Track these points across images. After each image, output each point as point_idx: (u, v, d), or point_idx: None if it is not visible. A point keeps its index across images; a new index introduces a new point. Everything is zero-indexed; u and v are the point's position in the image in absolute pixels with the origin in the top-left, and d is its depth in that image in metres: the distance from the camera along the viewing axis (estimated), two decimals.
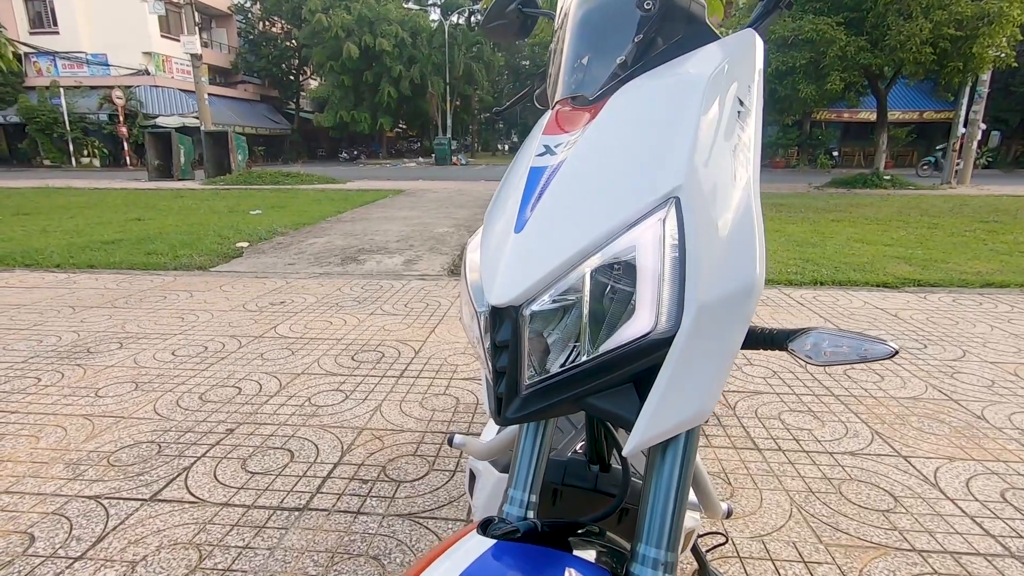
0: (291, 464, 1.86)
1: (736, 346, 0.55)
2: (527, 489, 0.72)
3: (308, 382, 2.51)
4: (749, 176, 0.59)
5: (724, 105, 0.61)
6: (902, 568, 1.40)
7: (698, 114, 0.58)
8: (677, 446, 0.60)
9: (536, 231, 0.59)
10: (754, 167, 0.60)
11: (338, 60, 30.33)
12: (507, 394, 0.58)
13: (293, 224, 7.46)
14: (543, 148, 0.68)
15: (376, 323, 3.37)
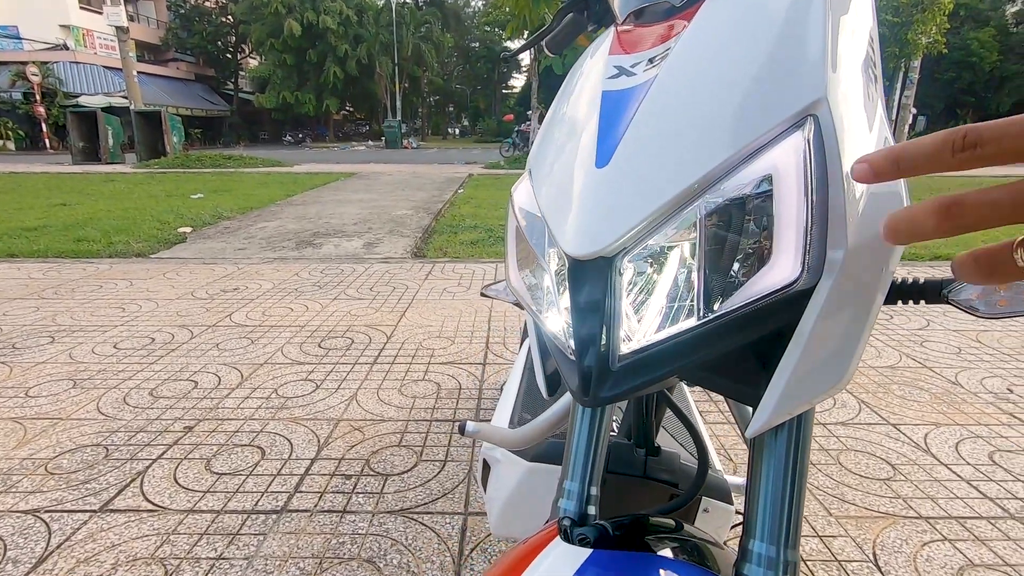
0: (263, 462, 1.69)
1: (880, 299, 0.45)
2: (586, 480, 0.61)
3: (273, 372, 2.31)
4: (882, 101, 0.49)
5: (850, 10, 0.50)
6: (913, 536, 1.39)
7: (825, 16, 0.47)
8: (793, 423, 0.49)
9: (628, 163, 0.46)
10: (882, 95, 0.50)
11: (279, 38, 28.87)
12: (598, 368, 0.47)
13: (240, 208, 7.02)
14: (614, 70, 0.55)
15: (341, 308, 3.17)
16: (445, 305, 3.23)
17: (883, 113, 0.49)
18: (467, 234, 5.36)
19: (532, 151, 0.63)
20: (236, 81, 35.54)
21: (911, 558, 1.32)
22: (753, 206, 0.42)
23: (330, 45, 29.85)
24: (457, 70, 45.71)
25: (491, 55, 41.50)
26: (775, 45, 0.47)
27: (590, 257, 0.46)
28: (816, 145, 0.41)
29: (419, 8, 35.80)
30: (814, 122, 0.42)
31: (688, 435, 1.13)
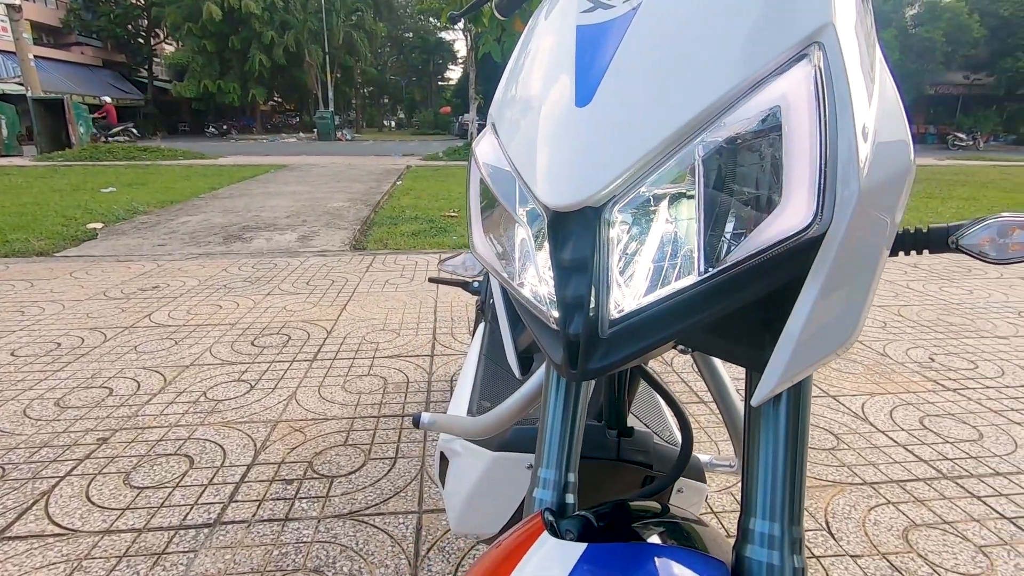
0: (191, 472, 1.53)
1: (887, 247, 0.41)
2: (563, 467, 0.56)
3: (200, 374, 2.12)
4: (877, 36, 0.45)
5: None
6: (860, 502, 1.43)
7: None
8: (792, 391, 0.45)
9: (613, 101, 0.40)
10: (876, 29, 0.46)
11: (197, 22, 27.07)
12: (586, 337, 0.40)
13: (158, 202, 6.52)
14: (588, 3, 0.49)
15: (275, 303, 2.97)
16: (388, 297, 3.10)
17: (880, 48, 0.45)
18: (408, 225, 5.21)
19: (495, 101, 0.56)
20: (151, 68, 33.06)
21: (860, 523, 1.35)
22: (758, 143, 0.37)
23: (254, 31, 28.30)
24: (391, 61, 44.62)
25: (425, 46, 40.78)
26: None
27: (574, 208, 0.40)
28: (826, 74, 0.36)
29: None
30: (821, 50, 0.37)
31: (652, 412, 1.10)
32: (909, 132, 0.42)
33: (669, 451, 0.76)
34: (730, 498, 1.45)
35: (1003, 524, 1.35)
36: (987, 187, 8.94)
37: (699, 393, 2.02)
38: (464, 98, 22.60)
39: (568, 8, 0.50)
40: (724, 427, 1.76)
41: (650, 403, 1.13)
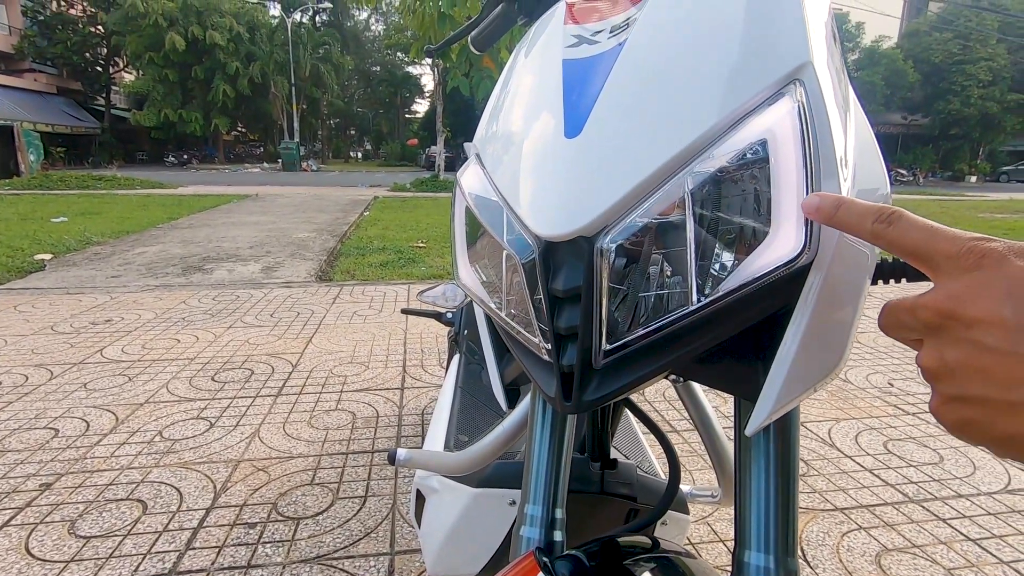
0: (144, 518, 1.43)
1: (870, 276, 0.43)
2: (550, 503, 0.54)
3: (156, 412, 2.01)
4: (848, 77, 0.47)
5: None
6: (832, 528, 1.44)
7: None
8: (781, 420, 0.45)
9: (603, 132, 0.41)
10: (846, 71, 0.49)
11: (160, 52, 26.70)
12: (580, 367, 0.40)
13: (113, 232, 6.28)
14: (573, 39, 0.50)
15: (238, 337, 2.87)
16: (356, 329, 3.04)
17: (851, 86, 0.47)
18: (376, 256, 5.16)
19: (479, 133, 0.57)
20: (108, 96, 32.29)
21: (835, 549, 1.36)
22: (746, 174, 0.37)
23: (219, 62, 28.07)
24: (358, 93, 44.88)
25: (393, 79, 41.23)
26: (751, 11, 0.43)
27: (567, 237, 0.39)
28: (808, 109, 0.38)
29: (316, 29, 34.83)
30: (801, 86, 0.38)
31: (631, 442, 1.09)
32: (883, 163, 0.44)
33: (653, 483, 0.75)
34: (707, 528, 1.45)
35: (969, 546, 1.38)
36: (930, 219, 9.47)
37: (672, 423, 2.03)
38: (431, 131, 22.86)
39: (553, 43, 0.51)
40: (697, 456, 1.76)
41: (629, 433, 1.13)
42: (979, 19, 24.71)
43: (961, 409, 0.24)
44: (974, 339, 0.23)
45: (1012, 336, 0.22)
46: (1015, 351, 0.21)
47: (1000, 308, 0.22)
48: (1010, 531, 1.44)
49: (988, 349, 0.22)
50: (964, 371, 0.23)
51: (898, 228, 0.27)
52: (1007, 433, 0.22)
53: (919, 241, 0.26)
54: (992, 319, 0.22)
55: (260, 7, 31.53)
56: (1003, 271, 0.22)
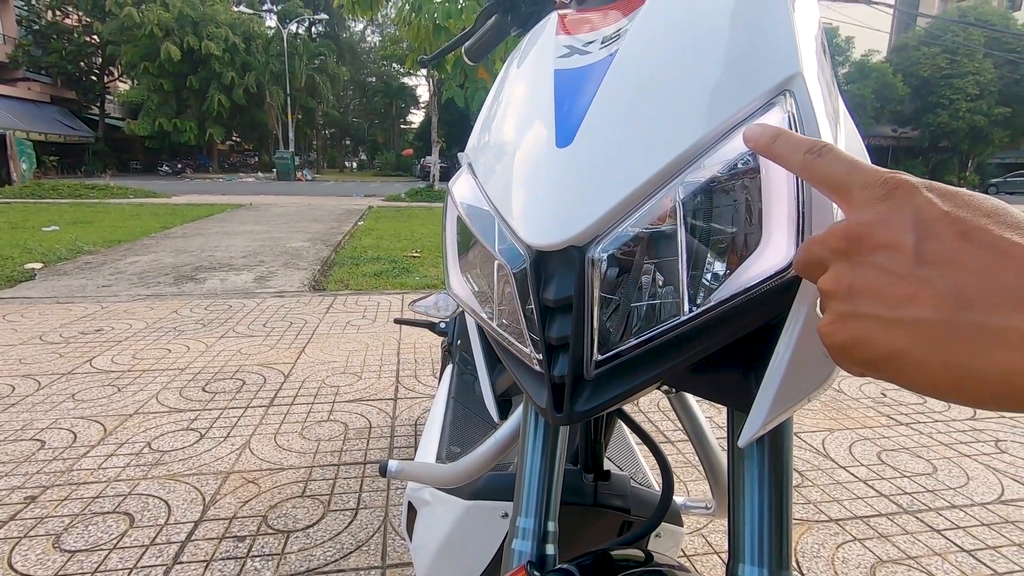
0: (131, 531, 1.41)
1: None
2: (543, 515, 0.53)
3: (145, 423, 1.99)
4: (836, 87, 0.48)
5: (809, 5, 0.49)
6: (828, 539, 1.44)
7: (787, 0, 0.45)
8: (773, 431, 0.45)
9: (594, 142, 0.41)
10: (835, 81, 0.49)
11: (155, 61, 26.72)
12: (571, 377, 0.39)
13: (105, 241, 6.25)
14: (565, 49, 0.51)
15: (229, 347, 2.85)
16: (349, 339, 3.02)
17: (841, 98, 0.48)
18: (370, 265, 5.15)
19: (470, 143, 0.56)
20: (102, 105, 32.25)
21: (830, 561, 1.36)
22: (737, 185, 0.37)
23: (214, 72, 28.11)
24: (354, 103, 45.04)
25: (388, 90, 41.42)
26: (741, 22, 0.44)
27: (559, 247, 0.39)
28: (798, 120, 0.38)
29: (312, 40, 35.01)
30: (792, 97, 0.39)
31: (625, 454, 1.09)
32: None
33: (646, 495, 0.74)
34: (701, 540, 1.44)
35: (963, 557, 1.38)
36: None
37: (666, 433, 2.02)
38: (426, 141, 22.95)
39: (545, 54, 0.52)
40: (691, 467, 1.76)
41: (622, 443, 1.12)
42: (965, 34, 25.14)
43: (848, 327, 0.25)
44: (875, 263, 0.24)
45: (908, 260, 0.23)
46: (910, 273, 0.23)
47: (902, 234, 0.23)
48: (1004, 542, 1.44)
49: (885, 271, 0.24)
50: (859, 291, 0.25)
51: (825, 160, 0.28)
52: (886, 351, 0.24)
53: (841, 174, 0.27)
54: (894, 244, 0.24)
55: (256, 18, 31.64)
56: (912, 202, 0.24)
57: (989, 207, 0.23)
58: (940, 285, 0.22)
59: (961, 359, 0.21)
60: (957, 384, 0.22)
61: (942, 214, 0.23)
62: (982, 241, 0.22)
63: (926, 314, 0.22)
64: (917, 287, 0.22)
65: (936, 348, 0.22)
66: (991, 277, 0.21)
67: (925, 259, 0.23)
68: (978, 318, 0.21)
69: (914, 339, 0.23)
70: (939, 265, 0.22)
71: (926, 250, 0.23)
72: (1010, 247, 0.21)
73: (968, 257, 0.22)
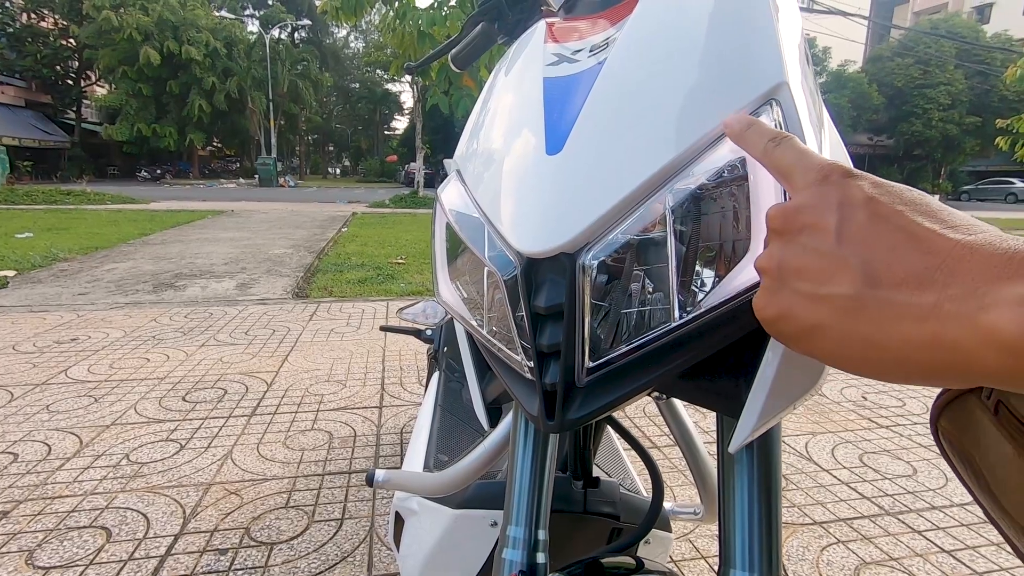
0: (108, 546, 1.37)
1: None
2: (533, 524, 0.53)
3: (123, 435, 1.94)
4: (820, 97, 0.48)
5: (783, 6, 0.50)
6: (812, 542, 1.45)
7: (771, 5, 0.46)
8: (764, 436, 0.46)
9: (584, 149, 0.41)
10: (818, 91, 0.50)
11: (134, 66, 26.33)
12: (563, 385, 0.39)
13: (81, 248, 6.12)
14: (554, 57, 0.51)
15: (210, 355, 2.80)
16: (333, 347, 2.99)
17: (825, 108, 0.48)
18: (354, 272, 5.11)
19: (459, 151, 0.56)
20: (79, 110, 31.66)
21: (815, 564, 1.37)
22: (725, 192, 0.38)
23: (195, 77, 27.78)
24: (337, 109, 44.83)
25: (372, 96, 41.31)
26: (727, 32, 0.44)
27: (550, 254, 0.39)
28: (785, 128, 0.39)
29: (295, 45, 34.79)
30: (777, 106, 0.39)
31: (613, 460, 1.09)
32: None
33: (636, 501, 0.74)
34: (688, 545, 1.44)
35: (944, 558, 1.40)
36: None
37: (652, 439, 2.03)
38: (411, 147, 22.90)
39: (534, 62, 0.52)
40: (678, 472, 1.76)
41: (610, 449, 1.12)
42: (937, 45, 25.87)
43: (776, 301, 0.27)
44: (802, 242, 0.26)
45: (830, 239, 0.24)
46: (832, 252, 0.24)
47: (827, 216, 0.25)
48: (982, 542, 1.47)
49: (811, 250, 0.25)
50: (787, 268, 0.26)
51: (782, 147, 0.29)
52: (808, 324, 0.25)
53: (791, 160, 0.29)
54: (820, 225, 0.25)
55: (238, 23, 31.37)
56: (841, 188, 0.25)
57: (909, 196, 0.24)
58: (853, 262, 0.23)
59: (868, 332, 0.22)
60: (864, 356, 0.23)
61: (865, 198, 0.24)
62: (895, 224, 0.23)
63: (842, 290, 0.23)
64: (836, 264, 0.24)
65: (848, 322, 0.23)
66: (897, 256, 0.22)
67: (844, 239, 0.24)
68: (883, 294, 0.22)
69: (831, 313, 0.24)
70: (856, 244, 0.24)
71: (845, 230, 0.24)
72: (919, 230, 0.22)
73: (880, 237, 0.23)
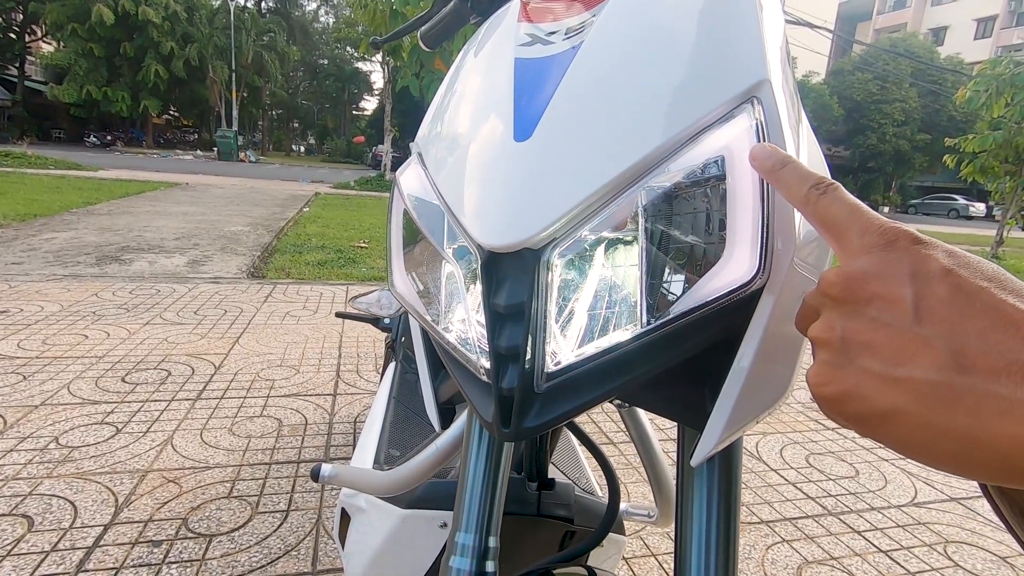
0: (29, 536, 1.28)
1: None
2: (484, 531, 0.51)
3: (53, 416, 1.82)
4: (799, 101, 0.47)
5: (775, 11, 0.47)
6: (758, 541, 1.48)
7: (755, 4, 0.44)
8: (728, 447, 0.44)
9: (555, 138, 0.38)
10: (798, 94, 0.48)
11: (84, 24, 24.78)
12: (520, 392, 0.37)
13: (18, 215, 5.74)
14: (527, 37, 0.48)
15: (155, 334, 2.66)
16: (288, 330, 2.89)
17: (804, 111, 0.47)
18: (313, 254, 4.96)
19: (421, 132, 0.53)
20: (22, 66, 29.64)
21: (760, 563, 1.40)
22: (701, 193, 0.36)
23: (151, 40, 26.35)
24: (304, 85, 43.43)
25: (341, 74, 40.21)
26: (709, 24, 0.42)
27: (512, 249, 0.36)
28: (765, 128, 0.36)
29: (262, 15, 33.48)
30: (759, 104, 0.37)
31: (569, 459, 1.07)
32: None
33: (591, 504, 0.73)
34: (640, 543, 1.45)
35: (880, 558, 1.46)
36: None
37: (609, 435, 2.04)
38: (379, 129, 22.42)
39: (505, 41, 0.48)
40: (632, 469, 1.78)
41: (566, 447, 1.11)
42: (895, 63, 26.96)
43: (840, 379, 0.24)
44: (870, 314, 0.23)
45: (908, 315, 0.22)
46: (909, 329, 0.22)
47: (900, 287, 0.22)
48: (916, 543, 1.53)
49: (883, 324, 0.23)
50: (853, 343, 0.23)
51: (828, 198, 0.27)
52: (882, 408, 0.22)
53: (841, 215, 0.26)
54: (891, 296, 0.23)
55: None
56: (910, 254, 0.23)
57: (989, 270, 0.22)
58: (939, 345, 0.21)
59: (964, 425, 0.20)
60: (959, 452, 0.20)
61: (942, 270, 0.22)
62: (983, 302, 0.20)
63: (927, 374, 0.21)
64: (916, 344, 0.21)
65: (937, 410, 0.20)
66: (993, 342, 0.20)
67: (923, 316, 0.21)
68: (980, 384, 0.19)
69: (912, 399, 0.21)
70: (938, 323, 0.21)
71: (925, 306, 0.21)
72: (1012, 312, 0.20)
73: (968, 318, 0.21)
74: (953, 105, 10.70)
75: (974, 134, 8.50)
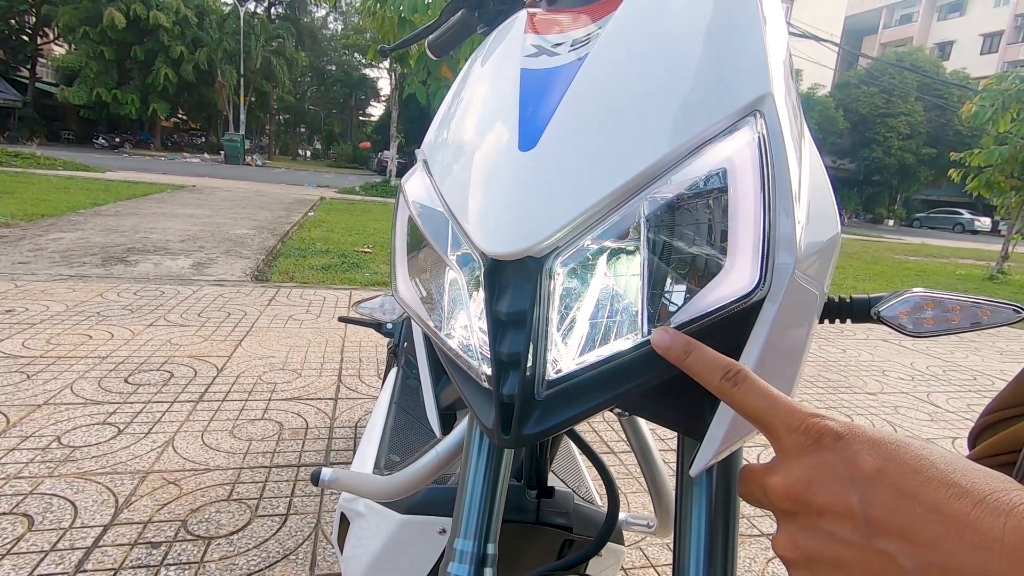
0: (29, 535, 1.28)
1: (817, 315, 0.42)
2: (483, 538, 0.51)
3: (55, 415, 1.83)
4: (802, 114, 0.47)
5: (770, 19, 0.48)
6: (758, 554, 1.48)
7: (759, 14, 0.44)
8: (727, 457, 0.44)
9: (559, 148, 0.39)
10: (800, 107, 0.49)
11: (96, 27, 25.04)
12: (521, 398, 0.37)
13: (26, 215, 5.78)
14: (533, 48, 0.48)
15: (159, 336, 2.67)
16: (291, 333, 2.90)
17: (805, 121, 0.47)
18: (317, 258, 4.98)
19: (427, 139, 0.53)
20: (33, 68, 29.94)
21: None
22: (703, 203, 0.36)
23: (162, 44, 26.61)
24: (311, 91, 43.75)
25: (348, 80, 40.50)
26: (713, 38, 0.43)
27: (515, 257, 0.37)
28: (767, 142, 0.37)
29: (271, 21, 33.79)
30: (761, 118, 0.38)
31: (569, 467, 1.07)
32: (835, 203, 0.44)
33: (590, 513, 0.72)
34: (639, 554, 1.44)
35: None
36: (852, 257, 10.16)
37: (609, 444, 2.04)
38: (385, 135, 22.52)
39: (512, 51, 0.49)
40: (632, 479, 1.77)
41: (566, 455, 1.11)
42: (901, 77, 27.00)
43: None
44: (827, 529, 0.23)
45: (864, 528, 0.22)
46: (867, 544, 0.21)
47: (846, 496, 0.22)
48: None
49: (843, 541, 0.22)
50: (820, 561, 0.23)
51: (742, 390, 0.28)
52: None
53: (760, 409, 0.27)
54: (840, 509, 0.22)
55: None
56: (841, 453, 0.23)
57: (913, 459, 0.22)
58: (903, 561, 0.21)
59: None
60: None
61: (874, 471, 0.22)
62: (927, 504, 0.20)
63: None
64: (880, 562, 0.21)
65: None
66: (949, 553, 0.20)
67: (877, 528, 0.21)
68: None
69: None
70: (893, 536, 0.21)
71: (875, 517, 0.21)
72: (955, 514, 0.20)
73: (919, 526, 0.20)
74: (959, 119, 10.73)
75: (980, 148, 8.48)
